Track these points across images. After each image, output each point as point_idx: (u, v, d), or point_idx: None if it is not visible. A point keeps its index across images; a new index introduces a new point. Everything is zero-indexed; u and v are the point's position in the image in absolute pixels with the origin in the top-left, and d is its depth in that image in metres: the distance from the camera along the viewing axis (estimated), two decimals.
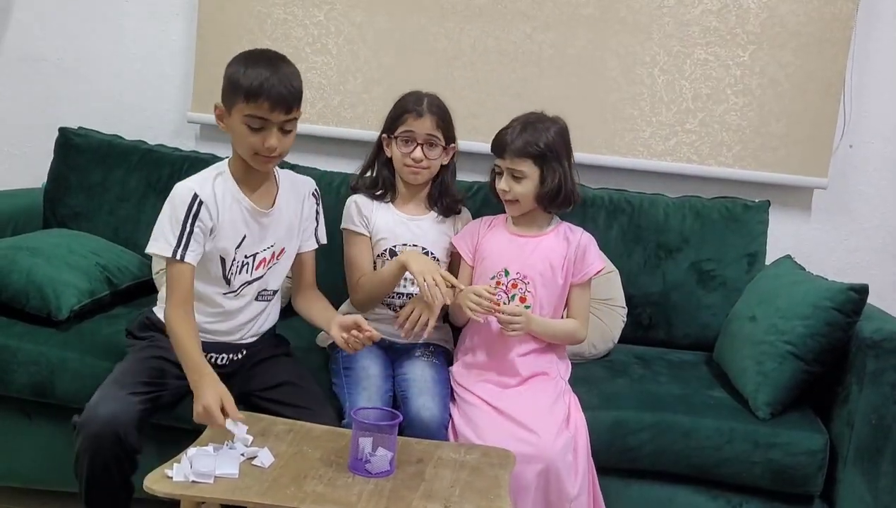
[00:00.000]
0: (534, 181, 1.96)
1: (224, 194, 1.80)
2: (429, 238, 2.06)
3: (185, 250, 1.73)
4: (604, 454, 1.91)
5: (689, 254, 2.40)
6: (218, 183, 1.81)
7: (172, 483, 1.45)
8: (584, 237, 2.04)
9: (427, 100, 2.02)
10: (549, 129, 1.96)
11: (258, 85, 1.70)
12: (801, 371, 1.94)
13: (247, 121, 1.74)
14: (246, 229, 1.82)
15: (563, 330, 2.01)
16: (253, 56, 1.77)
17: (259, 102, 1.71)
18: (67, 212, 2.53)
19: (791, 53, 2.51)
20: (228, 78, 1.76)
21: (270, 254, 1.87)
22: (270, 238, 1.86)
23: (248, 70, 1.73)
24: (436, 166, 2.04)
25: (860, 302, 1.92)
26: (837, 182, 2.60)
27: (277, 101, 1.71)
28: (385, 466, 1.54)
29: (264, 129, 1.74)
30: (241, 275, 1.85)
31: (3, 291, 2.06)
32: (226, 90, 1.77)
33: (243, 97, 1.72)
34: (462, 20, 2.59)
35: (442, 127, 2.01)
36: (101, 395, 1.67)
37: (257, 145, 1.75)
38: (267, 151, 1.75)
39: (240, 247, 1.82)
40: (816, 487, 1.93)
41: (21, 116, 2.84)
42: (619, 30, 2.55)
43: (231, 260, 1.82)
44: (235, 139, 1.79)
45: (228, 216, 1.80)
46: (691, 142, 2.57)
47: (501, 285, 1.98)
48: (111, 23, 2.76)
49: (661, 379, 2.11)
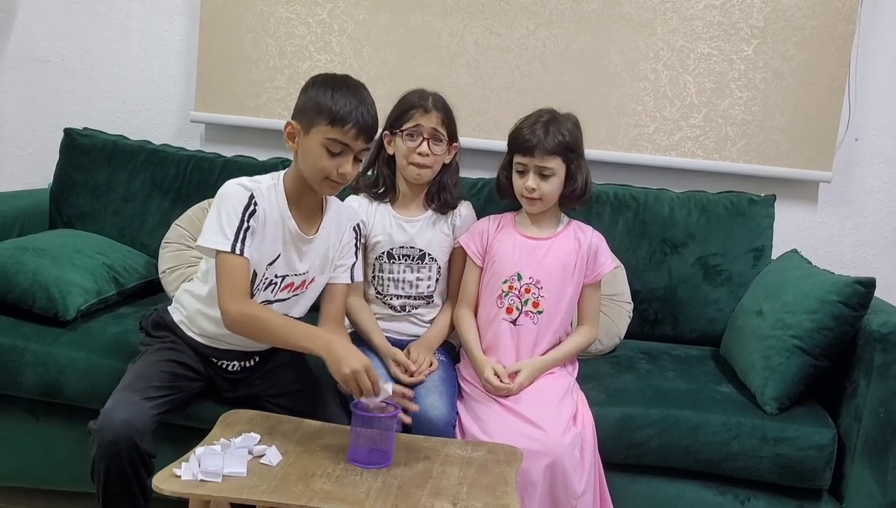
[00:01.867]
0: (560, 179, 1.96)
1: (272, 207, 1.76)
2: (424, 239, 2.06)
3: (242, 244, 1.70)
4: (611, 449, 1.91)
5: (695, 249, 2.39)
6: (271, 194, 1.77)
7: (181, 482, 1.45)
8: (595, 237, 2.04)
9: (433, 97, 2.03)
10: (568, 125, 1.97)
11: (347, 112, 1.69)
12: (808, 365, 1.94)
13: (327, 144, 1.71)
14: (283, 249, 1.79)
15: (574, 349, 2.02)
16: (338, 81, 1.75)
17: (346, 128, 1.69)
18: (73, 213, 2.54)
19: (795, 47, 2.50)
20: (312, 99, 1.73)
21: (300, 281, 1.84)
22: (305, 265, 1.82)
23: (336, 95, 1.71)
24: (438, 164, 2.04)
25: (867, 295, 1.92)
26: (843, 175, 2.59)
27: (363, 130, 1.71)
28: (384, 458, 1.55)
29: (342, 155, 1.72)
30: (265, 293, 1.81)
31: (10, 292, 2.06)
32: (307, 110, 1.73)
33: (328, 121, 1.70)
34: (465, 17, 2.58)
35: (446, 124, 2.02)
36: (116, 401, 1.67)
37: (330, 169, 1.72)
38: (339, 177, 1.73)
39: (272, 264, 1.79)
40: (824, 481, 1.92)
41: (26, 117, 2.84)
42: (623, 25, 2.54)
43: (261, 276, 1.78)
44: (307, 159, 1.74)
45: (271, 231, 1.77)
46: (696, 137, 2.57)
47: (514, 289, 1.98)
48: (115, 23, 2.77)
49: (668, 375, 2.11)
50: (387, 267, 2.05)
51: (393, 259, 2.04)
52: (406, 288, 2.05)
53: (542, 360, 1.96)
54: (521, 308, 1.97)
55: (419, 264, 2.05)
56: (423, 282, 2.05)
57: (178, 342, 1.84)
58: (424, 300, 2.07)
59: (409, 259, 2.05)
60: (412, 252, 2.04)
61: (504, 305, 1.99)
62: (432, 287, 2.07)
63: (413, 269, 2.04)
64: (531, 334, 1.97)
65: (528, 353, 1.97)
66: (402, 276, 2.04)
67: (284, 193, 1.78)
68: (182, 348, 1.83)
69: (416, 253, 2.05)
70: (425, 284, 2.06)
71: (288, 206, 1.78)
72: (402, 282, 2.04)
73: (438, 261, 2.06)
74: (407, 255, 2.04)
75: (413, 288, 2.05)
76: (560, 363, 1.99)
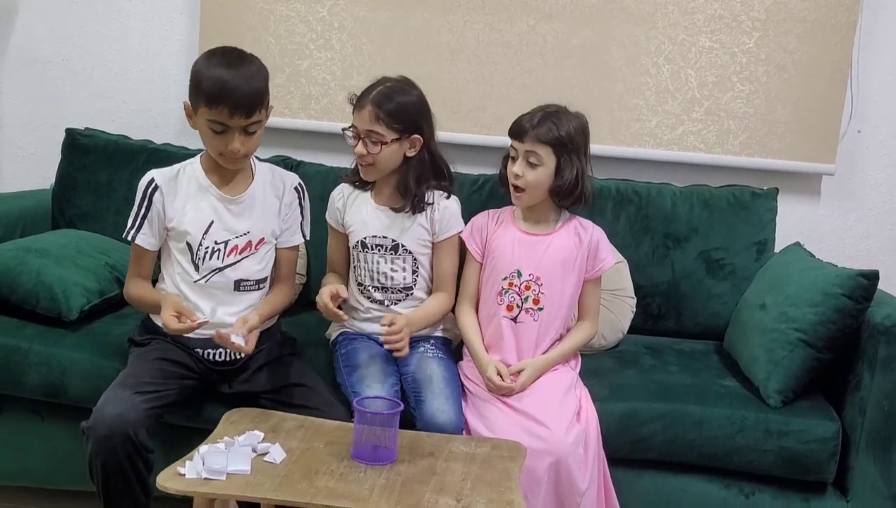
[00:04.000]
0: (549, 170, 1.93)
1: (190, 180, 1.87)
2: (398, 229, 2.02)
3: (136, 232, 1.86)
4: (615, 445, 1.91)
5: (698, 243, 2.39)
6: (185, 171, 1.88)
7: (185, 481, 1.45)
8: (595, 232, 2.03)
9: (376, 92, 1.93)
10: (571, 122, 1.95)
11: (218, 90, 1.72)
12: (811, 358, 1.93)
13: (209, 125, 1.77)
14: (214, 215, 1.86)
15: (575, 345, 2.01)
16: (214, 56, 1.79)
17: (219, 108, 1.73)
18: (75, 213, 2.54)
19: (797, 39, 2.49)
20: (193, 78, 1.78)
21: (245, 243, 1.88)
22: (244, 224, 1.88)
23: (208, 74, 1.74)
24: (386, 161, 1.96)
25: (870, 288, 1.91)
26: (846, 168, 2.59)
27: (236, 107, 1.73)
28: (388, 455, 1.55)
29: (226, 134, 1.77)
30: (212, 262, 1.86)
31: (13, 292, 2.07)
32: (191, 91, 1.79)
33: (204, 102, 1.74)
34: (465, 13, 2.58)
35: (386, 121, 1.91)
36: (107, 398, 1.68)
37: (220, 147, 1.79)
38: (230, 154, 1.79)
39: (207, 232, 1.86)
40: (829, 474, 1.92)
41: (28, 118, 2.85)
42: (624, 19, 2.54)
43: (198, 246, 1.86)
44: (202, 138, 1.84)
45: (193, 202, 1.85)
46: (698, 130, 2.56)
47: (514, 286, 1.98)
48: (115, 23, 2.77)
49: (672, 369, 2.11)
50: (362, 256, 2.03)
51: (367, 248, 2.02)
52: (381, 280, 2.02)
53: (544, 359, 1.95)
54: (522, 305, 1.97)
55: (392, 255, 2.02)
56: (397, 274, 2.02)
57: (165, 342, 1.85)
58: (403, 293, 2.04)
59: (382, 249, 2.02)
60: (384, 242, 2.02)
61: (504, 302, 1.98)
62: (409, 279, 2.03)
63: (387, 260, 2.02)
64: (532, 331, 1.97)
65: (530, 351, 1.96)
66: (376, 267, 2.02)
67: (201, 166, 1.89)
68: (170, 347, 1.85)
69: (389, 243, 2.02)
70: (400, 275, 2.02)
71: (206, 176, 1.88)
72: (376, 273, 2.02)
73: (414, 254, 2.03)
74: (380, 245, 2.02)
75: (388, 279, 2.02)
76: (562, 360, 1.99)
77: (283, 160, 2.49)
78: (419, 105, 1.98)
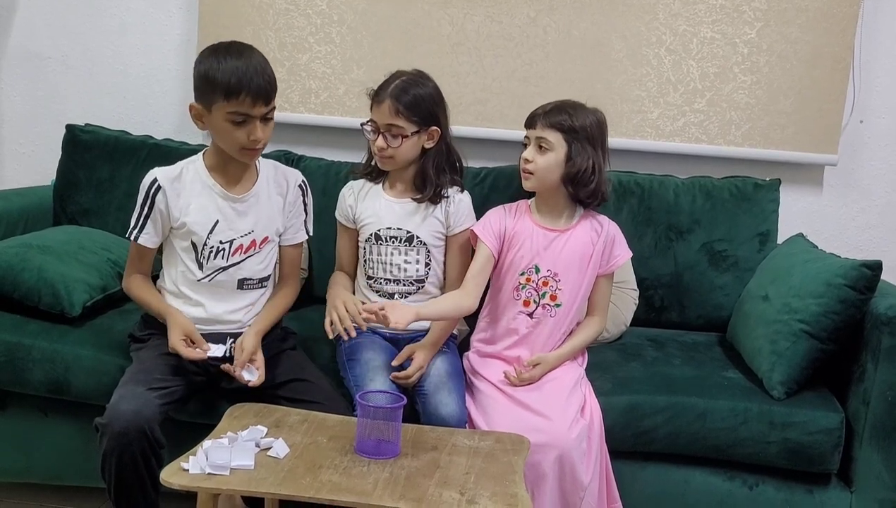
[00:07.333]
0: (559, 157, 1.93)
1: (193, 179, 1.86)
2: (413, 221, 2.03)
3: (139, 232, 1.86)
4: (618, 438, 1.91)
5: (701, 235, 2.38)
6: (188, 170, 1.87)
7: (189, 476, 1.46)
8: (611, 227, 2.02)
9: (394, 86, 1.95)
10: (587, 116, 1.95)
11: (237, 82, 1.73)
12: (815, 349, 1.93)
13: (230, 118, 1.76)
14: (219, 215, 1.86)
15: (586, 340, 2.01)
16: (221, 51, 1.78)
17: (241, 99, 1.74)
18: (77, 209, 2.54)
19: (798, 29, 2.48)
20: (203, 76, 1.77)
21: (250, 242, 1.89)
22: (247, 224, 1.89)
23: (222, 67, 1.74)
24: (406, 153, 1.99)
25: (874, 278, 1.91)
26: (848, 158, 2.58)
27: (258, 95, 1.75)
28: (391, 449, 1.55)
29: (247, 123, 1.77)
30: (216, 261, 1.87)
31: (15, 289, 2.07)
32: (202, 89, 1.78)
33: (223, 96, 1.74)
34: (465, 5, 2.57)
35: (406, 114, 1.94)
36: (121, 394, 1.68)
37: (242, 139, 1.79)
38: (252, 144, 1.80)
39: (213, 232, 1.86)
40: (833, 465, 1.92)
41: (28, 114, 2.84)
42: (625, 11, 2.53)
43: (203, 245, 1.86)
44: (219, 136, 1.82)
45: (198, 202, 1.85)
46: (700, 122, 2.55)
47: (532, 282, 1.97)
48: (114, 19, 2.76)
49: (675, 362, 2.10)
50: (375, 249, 2.03)
51: (381, 240, 2.03)
52: (394, 272, 2.03)
53: (556, 355, 1.95)
54: (539, 301, 1.97)
55: (406, 246, 2.02)
56: (410, 266, 2.03)
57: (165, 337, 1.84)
58: (415, 285, 2.05)
59: (397, 241, 2.02)
60: (399, 233, 2.02)
61: (521, 297, 1.98)
62: (421, 271, 2.04)
63: (400, 252, 2.02)
64: (547, 327, 1.97)
65: (543, 345, 1.97)
66: (389, 259, 2.02)
67: (204, 165, 1.88)
68: None
69: (404, 234, 2.02)
70: (413, 267, 2.03)
71: (210, 175, 1.87)
72: (389, 265, 2.02)
73: (428, 245, 2.03)
74: (394, 237, 2.02)
75: (401, 271, 2.02)
76: (572, 356, 1.99)
77: (283, 154, 2.49)
78: (436, 97, 2.01)
